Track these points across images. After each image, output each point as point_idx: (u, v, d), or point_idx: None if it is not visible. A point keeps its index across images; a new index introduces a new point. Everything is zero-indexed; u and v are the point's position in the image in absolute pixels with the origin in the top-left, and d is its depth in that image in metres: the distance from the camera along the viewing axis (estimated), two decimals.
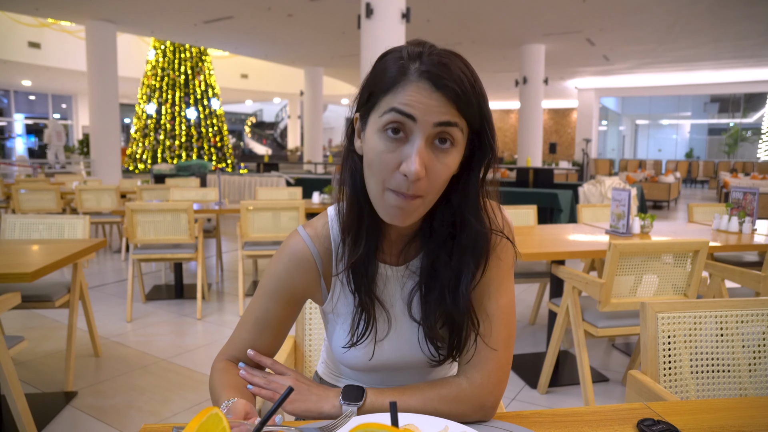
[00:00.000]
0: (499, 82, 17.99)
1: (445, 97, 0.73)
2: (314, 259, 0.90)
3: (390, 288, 0.92)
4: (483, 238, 0.84)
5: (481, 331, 0.86)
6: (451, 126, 0.74)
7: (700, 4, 8.76)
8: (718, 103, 23.53)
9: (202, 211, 4.35)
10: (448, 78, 0.73)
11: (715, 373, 1.15)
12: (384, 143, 0.75)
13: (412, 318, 0.90)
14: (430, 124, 0.73)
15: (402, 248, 0.91)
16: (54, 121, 15.56)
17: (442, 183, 0.77)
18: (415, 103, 0.73)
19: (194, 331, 3.60)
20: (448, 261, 0.85)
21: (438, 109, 0.73)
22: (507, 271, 0.90)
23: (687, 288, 2.32)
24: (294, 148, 22.89)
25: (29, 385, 2.72)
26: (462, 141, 0.77)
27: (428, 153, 0.74)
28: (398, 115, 0.73)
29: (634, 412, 0.85)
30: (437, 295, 0.86)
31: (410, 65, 0.75)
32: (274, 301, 0.91)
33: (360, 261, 0.86)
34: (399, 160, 0.74)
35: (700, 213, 3.90)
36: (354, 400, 0.84)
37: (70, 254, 2.29)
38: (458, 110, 0.74)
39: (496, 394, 0.85)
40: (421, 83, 0.73)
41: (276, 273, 0.91)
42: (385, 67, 0.77)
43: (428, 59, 0.74)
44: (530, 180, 8.76)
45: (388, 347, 0.91)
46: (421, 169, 0.72)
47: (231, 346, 0.95)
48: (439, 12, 9.34)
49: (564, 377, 2.88)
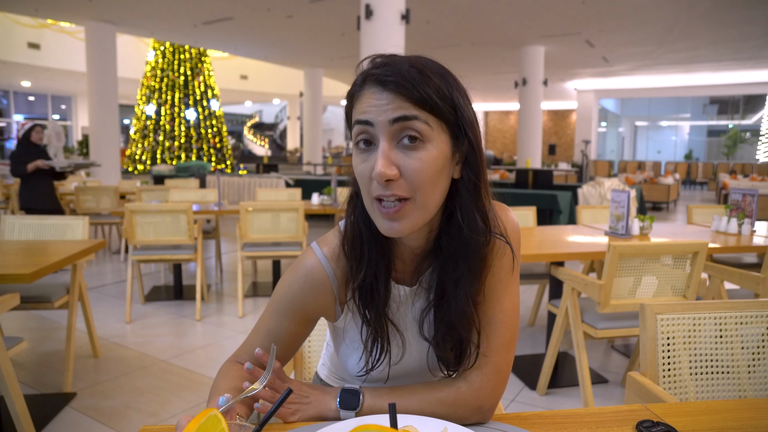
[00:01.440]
0: (499, 84, 18.00)
1: (393, 93, 0.73)
2: (329, 279, 0.88)
3: (403, 308, 0.90)
4: (480, 243, 0.81)
5: (483, 334, 0.86)
6: (409, 120, 0.72)
7: (700, 7, 8.77)
8: (717, 104, 23.56)
9: (201, 212, 4.36)
10: (391, 73, 0.73)
11: (715, 374, 1.15)
12: (359, 156, 0.77)
13: (423, 337, 0.89)
14: (386, 123, 0.73)
15: (415, 268, 0.89)
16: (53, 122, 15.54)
17: (429, 181, 0.74)
18: (368, 108, 0.74)
19: (193, 332, 3.59)
20: (452, 274, 0.83)
21: (389, 106, 0.73)
22: (511, 276, 0.88)
23: (686, 289, 2.32)
24: (293, 150, 22.89)
25: (28, 386, 2.72)
26: (435, 135, 0.75)
27: (396, 153, 0.74)
28: (360, 126, 0.75)
29: (634, 413, 0.85)
30: (445, 312, 0.84)
31: (364, 75, 0.77)
32: (288, 318, 0.90)
33: (367, 284, 0.84)
34: (372, 167, 0.74)
35: (700, 214, 3.90)
36: (351, 407, 0.84)
37: (69, 255, 2.29)
38: (412, 102, 0.73)
39: (494, 397, 0.85)
40: (370, 88, 0.75)
41: (291, 291, 0.90)
42: (353, 82, 0.80)
43: (375, 64, 0.76)
44: (529, 181, 8.77)
45: (402, 367, 0.91)
46: (385, 169, 0.71)
47: (243, 350, 0.94)
48: (439, 13, 9.34)
49: (563, 379, 2.88)
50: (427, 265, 0.88)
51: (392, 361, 0.89)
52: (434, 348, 0.87)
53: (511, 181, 9.89)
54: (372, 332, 0.86)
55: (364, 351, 0.88)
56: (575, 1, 8.53)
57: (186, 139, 16.09)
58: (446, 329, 0.84)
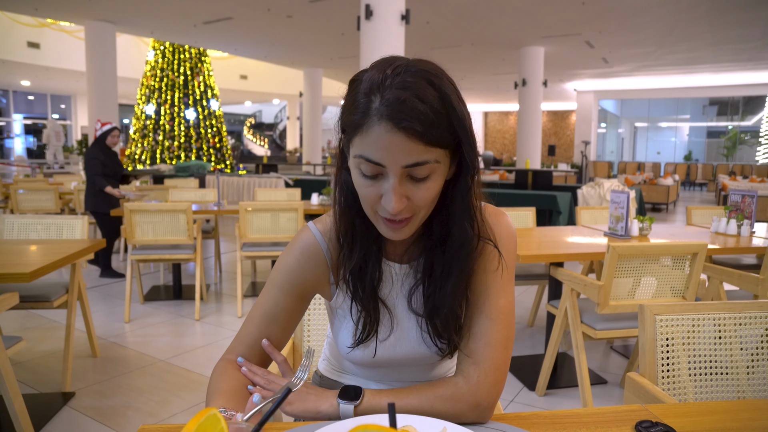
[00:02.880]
0: (499, 84, 18.02)
1: (407, 135, 0.72)
2: (324, 253, 0.92)
3: (394, 285, 0.94)
4: (468, 242, 0.85)
5: (479, 329, 0.88)
6: (420, 165, 0.74)
7: (699, 8, 8.78)
8: (717, 106, 23.58)
9: (200, 211, 4.35)
10: (407, 116, 0.71)
11: (713, 375, 1.15)
12: (362, 180, 0.78)
13: (413, 312, 0.92)
14: (399, 167, 0.74)
15: (407, 247, 0.93)
16: (53, 122, 15.57)
17: (431, 201, 0.80)
18: (380, 149, 0.73)
19: (192, 332, 3.59)
20: (441, 258, 0.87)
21: (403, 148, 0.72)
22: (507, 276, 0.91)
23: (685, 290, 2.33)
24: (293, 150, 22.89)
25: (27, 386, 2.72)
26: (441, 166, 0.78)
27: (406, 186, 0.77)
28: (367, 163, 0.75)
29: (632, 414, 0.85)
30: (435, 289, 0.88)
31: (371, 103, 0.73)
32: (284, 293, 0.93)
33: (358, 267, 0.89)
34: (379, 194, 0.77)
35: (699, 216, 3.90)
36: (351, 399, 0.84)
37: (69, 254, 2.28)
38: (425, 144, 0.73)
39: (492, 394, 0.85)
40: (382, 125, 0.72)
41: (288, 265, 0.93)
42: (353, 101, 0.76)
43: (388, 93, 0.72)
44: (529, 182, 8.78)
45: (391, 344, 0.93)
46: (399, 204, 0.76)
47: (238, 342, 0.95)
48: (439, 14, 9.34)
49: (562, 379, 2.88)
50: (417, 248, 0.93)
51: (380, 337, 0.92)
52: (426, 322, 0.91)
53: (510, 182, 9.90)
54: (362, 310, 0.91)
55: (354, 326, 0.92)
56: (575, 2, 8.54)
57: (185, 138, 16.08)
58: (434, 305, 0.88)
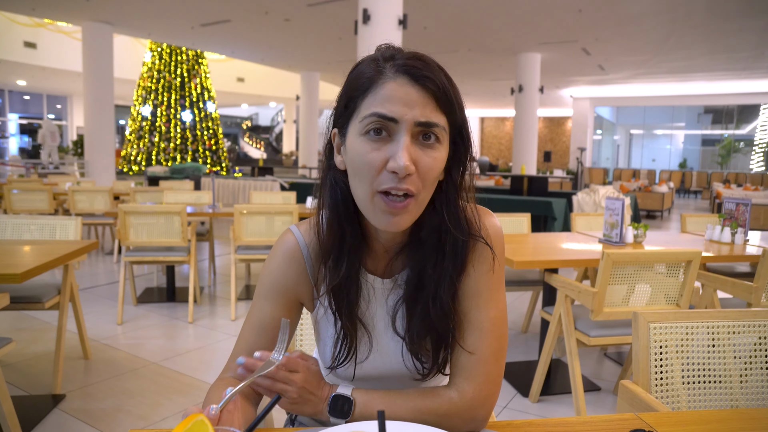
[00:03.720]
0: (495, 90, 18.07)
1: (424, 90, 0.73)
2: (304, 258, 0.89)
3: (375, 301, 0.90)
4: (462, 242, 0.83)
5: (471, 343, 0.85)
6: (432, 126, 0.74)
7: (695, 17, 8.84)
8: (712, 114, 23.72)
9: (195, 214, 4.34)
10: (426, 70, 0.73)
11: (707, 383, 1.15)
12: (368, 144, 0.74)
13: (396, 332, 0.88)
14: (413, 122, 0.73)
15: (389, 262, 0.89)
16: (48, 122, 15.48)
17: (433, 180, 0.77)
18: (395, 103, 0.72)
19: (185, 335, 3.57)
20: (432, 271, 0.83)
21: (419, 103, 0.73)
22: (497, 282, 0.88)
23: (679, 298, 2.33)
24: (289, 153, 22.88)
25: (16, 388, 2.69)
26: (446, 139, 0.77)
27: (415, 148, 0.74)
28: (379, 119, 0.73)
29: (626, 422, 0.85)
30: (421, 306, 0.84)
31: (385, 63, 0.75)
32: (270, 301, 0.89)
33: (342, 282, 0.84)
34: (386, 158, 0.73)
35: (693, 223, 3.91)
36: (342, 415, 0.82)
37: (61, 255, 2.27)
38: (439, 105, 0.74)
39: (487, 407, 0.84)
40: (398, 78, 0.73)
41: (271, 273, 0.90)
42: (359, 71, 0.77)
43: (403, 55, 0.75)
44: (524, 188, 8.78)
45: (371, 365, 0.90)
46: (410, 163, 0.72)
47: (232, 360, 0.90)
48: (436, 19, 9.37)
49: (556, 386, 2.87)
50: (401, 261, 0.88)
51: (358, 359, 0.89)
52: (408, 343, 0.86)
53: (506, 188, 9.91)
54: (341, 330, 0.87)
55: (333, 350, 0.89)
56: (572, 9, 8.57)
57: (181, 140, 16.07)
58: (421, 323, 0.84)
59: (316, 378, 0.84)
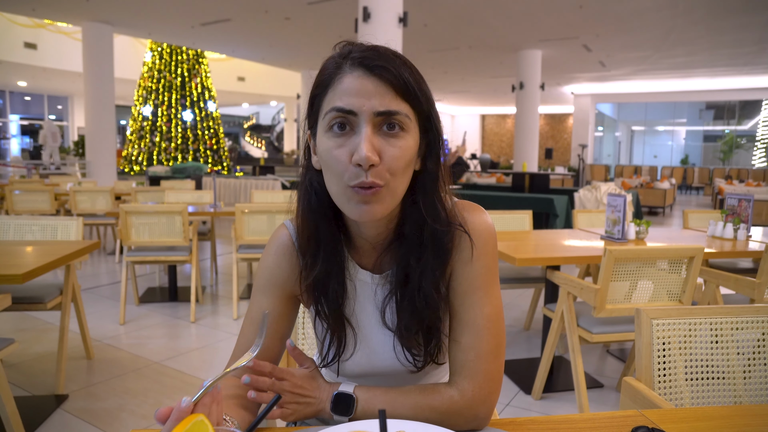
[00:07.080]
0: (496, 87, 18.03)
1: (380, 80, 0.73)
2: (296, 250, 0.89)
3: (364, 297, 0.90)
4: (440, 232, 0.82)
5: (468, 341, 0.84)
6: (393, 114, 0.74)
7: (696, 13, 8.81)
8: (714, 110, 23.66)
9: (196, 213, 4.34)
10: (380, 59, 0.73)
11: (710, 380, 1.14)
12: (333, 140, 0.75)
13: (386, 326, 0.88)
14: (371, 113, 0.73)
15: (377, 257, 0.89)
16: (49, 122, 15.50)
17: (403, 168, 0.76)
18: (352, 95, 0.73)
19: (188, 334, 3.58)
20: (416, 264, 0.83)
21: (375, 93, 0.73)
22: (490, 279, 0.87)
23: (682, 294, 2.32)
24: (290, 152, 22.87)
25: (19, 388, 2.70)
26: (413, 127, 0.77)
27: (378, 139, 0.74)
28: (339, 114, 0.74)
29: (629, 419, 0.84)
30: (408, 300, 0.84)
31: (343, 59, 0.76)
32: (267, 296, 0.90)
33: (321, 278, 0.85)
34: (350, 152, 0.74)
35: (695, 219, 3.91)
36: (344, 413, 0.83)
37: (63, 256, 2.27)
38: (398, 94, 0.74)
39: (488, 405, 0.84)
40: (354, 72, 0.74)
41: (266, 266, 0.91)
42: (321, 70, 0.79)
43: (358, 48, 0.76)
44: (526, 185, 8.78)
45: (358, 360, 0.90)
46: (371, 154, 0.72)
47: (233, 359, 0.90)
48: (437, 16, 9.35)
49: (558, 383, 2.87)
50: (388, 256, 0.88)
51: (342, 358, 0.89)
52: (398, 337, 0.87)
53: (507, 185, 9.90)
54: (327, 327, 0.88)
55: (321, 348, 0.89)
56: (573, 6, 8.56)
57: (182, 140, 16.07)
58: (410, 316, 0.84)
59: (307, 380, 0.84)
